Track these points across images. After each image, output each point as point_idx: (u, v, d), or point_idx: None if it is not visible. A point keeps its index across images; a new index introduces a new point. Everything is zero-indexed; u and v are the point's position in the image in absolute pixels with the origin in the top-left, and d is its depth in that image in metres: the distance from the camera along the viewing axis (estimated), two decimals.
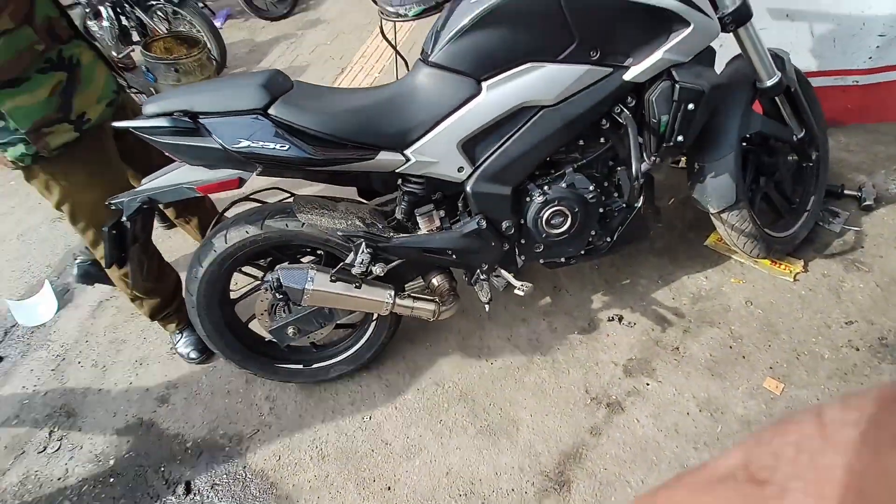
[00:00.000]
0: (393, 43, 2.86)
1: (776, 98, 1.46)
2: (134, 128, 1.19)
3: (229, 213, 1.52)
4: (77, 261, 2.09)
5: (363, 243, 1.32)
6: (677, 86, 1.23)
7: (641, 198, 1.48)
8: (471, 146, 1.30)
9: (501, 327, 1.79)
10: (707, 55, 1.27)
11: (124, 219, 1.29)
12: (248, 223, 1.39)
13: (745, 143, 1.53)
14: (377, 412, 1.66)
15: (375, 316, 1.65)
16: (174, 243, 2.44)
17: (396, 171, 1.31)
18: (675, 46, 1.19)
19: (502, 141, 1.30)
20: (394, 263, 1.40)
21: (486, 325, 1.81)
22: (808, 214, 1.71)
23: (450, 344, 1.79)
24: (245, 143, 1.17)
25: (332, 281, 1.35)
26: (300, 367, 1.72)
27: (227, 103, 1.18)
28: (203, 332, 1.55)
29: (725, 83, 1.36)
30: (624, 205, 1.49)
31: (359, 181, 1.41)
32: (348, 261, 1.34)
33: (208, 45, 3.68)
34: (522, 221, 1.43)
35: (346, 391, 1.74)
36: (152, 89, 3.32)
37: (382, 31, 2.84)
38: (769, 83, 1.40)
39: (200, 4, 5.37)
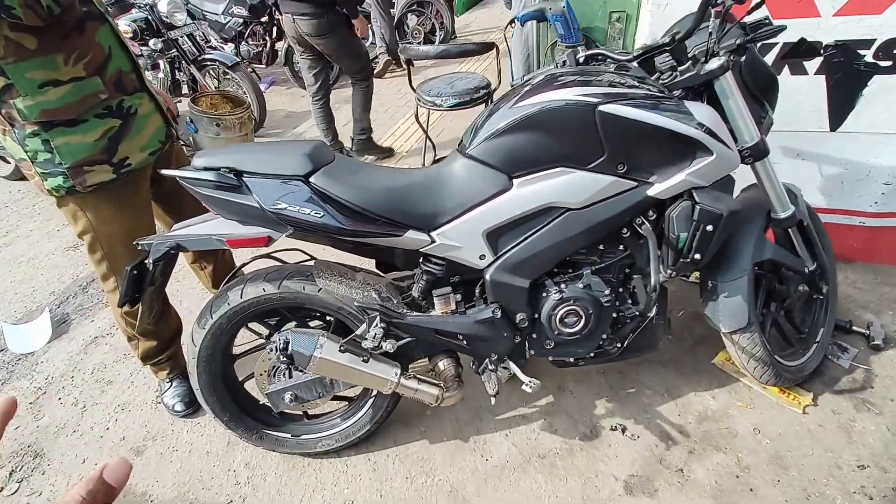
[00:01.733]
0: (425, 128, 3.05)
1: (789, 230, 1.51)
2: (181, 177, 1.24)
3: (247, 269, 1.54)
4: None
5: (378, 317, 1.33)
6: (697, 207, 1.29)
7: (655, 308, 1.49)
8: (495, 236, 1.34)
9: (501, 421, 1.74)
10: (727, 182, 1.34)
11: (149, 261, 1.31)
12: (267, 281, 1.40)
13: (757, 269, 1.57)
14: (360, 496, 1.57)
15: (374, 392, 1.61)
16: (182, 287, 2.44)
17: (421, 250, 1.34)
18: (698, 171, 1.26)
19: (526, 235, 1.34)
20: (404, 341, 1.39)
21: (484, 417, 1.76)
22: (818, 346, 1.71)
23: (445, 432, 1.73)
24: (283, 206, 1.21)
25: (340, 351, 1.34)
26: (288, 436, 1.65)
27: (272, 167, 1.24)
28: (197, 385, 1.51)
29: (742, 209, 1.43)
30: (637, 313, 1.50)
31: (382, 255, 1.44)
32: (359, 332, 1.34)
33: (251, 106, 3.92)
34: (536, 316, 1.44)
35: (330, 469, 1.66)
36: (191, 138, 3.49)
37: (417, 117, 3.04)
38: (783, 215, 1.47)
39: (249, 69, 5.83)
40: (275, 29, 5.45)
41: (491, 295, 1.40)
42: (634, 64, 1.42)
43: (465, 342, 1.41)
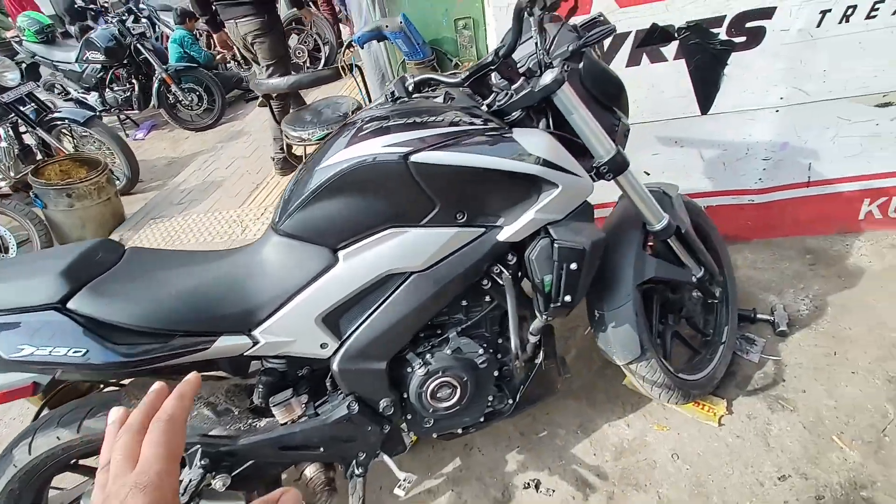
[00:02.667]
0: (298, 166, 2.78)
1: (668, 240, 1.38)
2: None
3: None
4: None
5: (198, 451, 1.07)
6: (556, 245, 1.11)
7: (541, 353, 1.32)
8: (332, 320, 1.12)
9: (404, 502, 1.52)
10: (586, 211, 1.17)
11: None
12: (62, 426, 1.11)
13: (647, 284, 1.43)
14: None
15: None
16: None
17: (245, 353, 1.10)
18: (546, 206, 1.09)
19: (369, 312, 1.12)
20: (245, 466, 1.14)
21: (385, 501, 1.54)
22: (725, 346, 1.60)
23: None
24: (28, 351, 0.93)
25: None
26: None
27: (13, 298, 0.96)
28: None
29: (611, 234, 1.28)
30: (522, 363, 1.32)
31: (198, 369, 1.18)
32: (181, 474, 1.07)
33: (112, 165, 3.50)
34: (405, 396, 1.23)
35: None
36: (41, 216, 3.04)
37: (289, 153, 2.77)
38: (658, 227, 1.32)
39: (123, 118, 5.31)
40: (141, 70, 4.95)
41: (343, 386, 1.17)
42: (464, 89, 1.22)
43: (322, 450, 1.17)
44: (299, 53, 5.46)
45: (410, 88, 1.27)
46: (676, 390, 1.43)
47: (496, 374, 1.29)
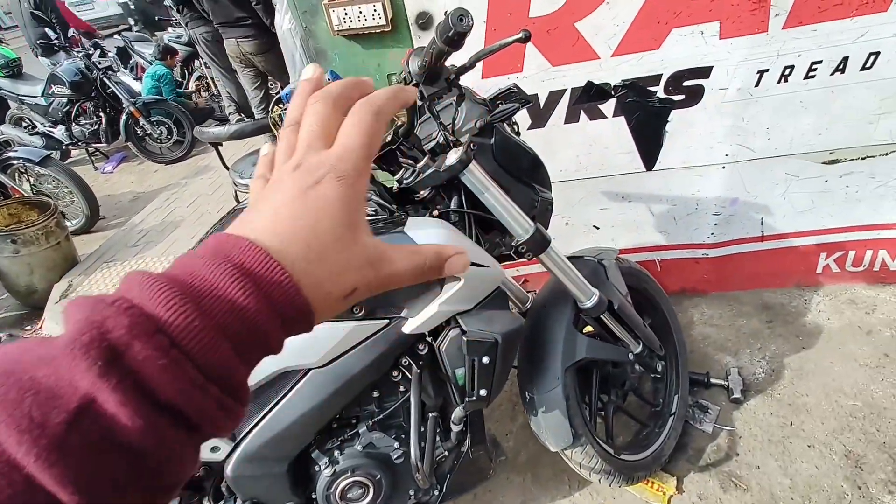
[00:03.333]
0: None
1: (601, 317, 1.29)
2: None
3: None
4: None
5: None
6: (464, 338, 1.02)
7: (468, 440, 1.22)
8: None
9: None
10: (498, 296, 1.09)
11: None
12: None
13: (579, 364, 1.34)
14: None
15: None
16: None
17: None
18: (451, 298, 1.00)
19: (266, 411, 1.02)
20: None
21: None
22: (675, 417, 1.51)
23: None
24: None
25: None
26: None
27: None
28: None
29: (541, 311, 1.20)
30: (446, 451, 1.21)
31: None
32: None
33: (61, 210, 3.39)
34: (313, 496, 1.12)
35: None
36: None
37: (237, 199, 2.67)
38: (588, 304, 1.23)
39: (92, 151, 5.22)
40: (108, 103, 4.88)
41: (240, 493, 1.06)
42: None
43: None
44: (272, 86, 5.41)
45: None
46: (617, 474, 1.33)
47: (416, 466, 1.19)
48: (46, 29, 5.66)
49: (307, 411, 1.03)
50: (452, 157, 1.01)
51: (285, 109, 1.91)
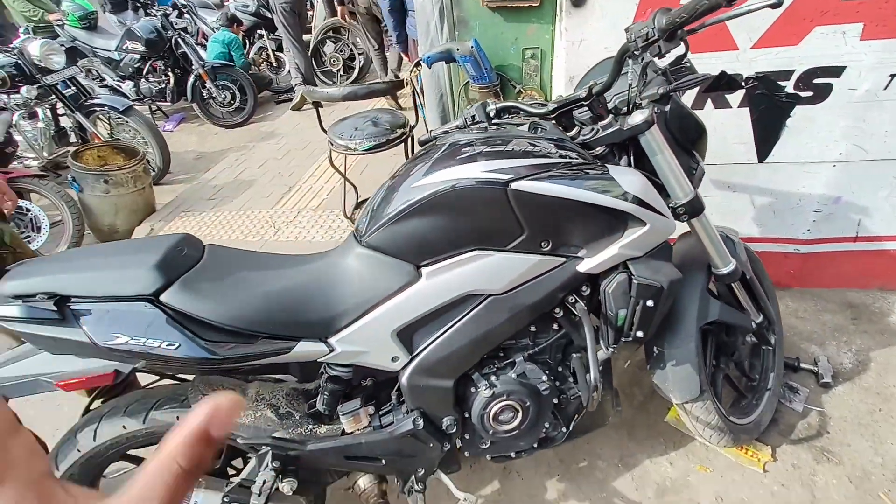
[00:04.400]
0: (342, 172, 2.81)
1: (732, 284, 1.39)
2: None
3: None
4: None
5: (269, 454, 1.06)
6: (634, 281, 1.13)
7: (600, 383, 1.32)
8: (407, 335, 1.12)
9: None
10: (664, 249, 1.19)
11: None
12: (128, 415, 1.11)
13: (707, 327, 1.44)
14: None
15: None
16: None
17: (320, 360, 1.10)
18: (631, 242, 1.10)
19: (444, 330, 1.13)
20: (309, 471, 1.13)
21: None
22: (770, 393, 1.60)
23: None
24: (122, 339, 0.93)
25: (224, 501, 1.06)
26: None
27: (107, 286, 0.97)
28: None
29: (682, 277, 1.29)
30: (580, 393, 1.32)
31: (271, 371, 1.18)
32: (246, 474, 1.07)
33: (149, 155, 3.53)
34: (467, 415, 1.23)
35: None
36: (77, 198, 3.06)
37: (332, 161, 2.78)
38: (725, 270, 1.34)
39: (153, 108, 5.36)
40: (178, 63, 5.01)
41: (409, 400, 1.17)
42: (549, 121, 1.24)
43: (383, 462, 1.17)
44: (334, 61, 5.53)
45: (492, 114, 1.30)
46: (727, 433, 1.43)
47: (555, 402, 1.29)
48: None
49: (480, 335, 1.14)
50: (638, 116, 1.11)
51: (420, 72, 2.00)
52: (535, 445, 1.34)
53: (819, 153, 1.73)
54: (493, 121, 1.28)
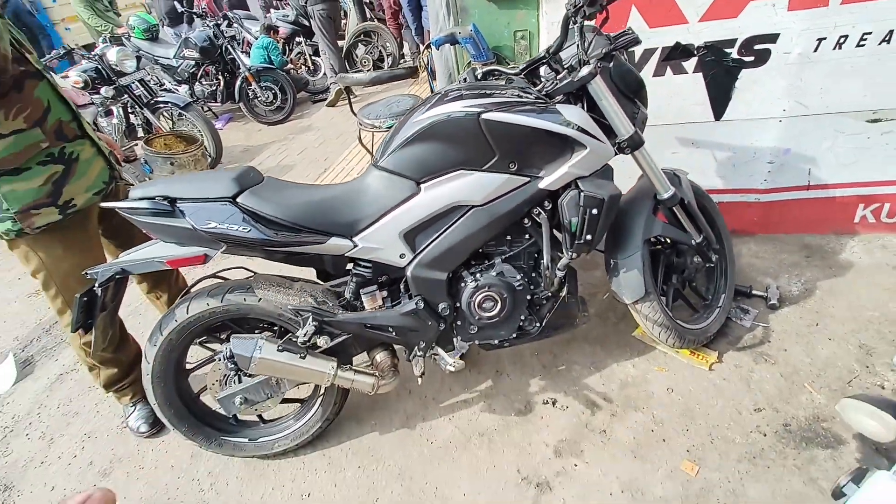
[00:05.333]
0: (369, 148, 3.24)
1: (674, 208, 1.72)
2: (120, 208, 1.38)
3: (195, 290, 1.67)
4: None
5: (310, 316, 1.48)
6: (582, 194, 1.48)
7: (565, 287, 1.67)
8: (411, 236, 1.51)
9: (444, 408, 1.88)
10: (607, 171, 1.54)
11: (96, 287, 1.44)
12: (210, 296, 1.54)
13: (655, 246, 1.77)
14: (316, 489, 1.69)
15: (322, 391, 1.75)
16: (149, 319, 2.55)
17: (346, 254, 1.50)
18: (577, 163, 1.46)
19: (439, 233, 1.52)
20: (339, 339, 1.54)
21: (430, 406, 1.90)
22: (720, 310, 1.91)
23: (394, 423, 1.86)
24: (213, 225, 1.36)
25: (278, 350, 1.48)
26: (245, 440, 1.77)
27: (202, 192, 1.40)
28: (154, 400, 1.63)
29: (625, 194, 1.63)
30: (550, 293, 1.68)
31: (313, 263, 1.59)
32: (297, 332, 1.48)
33: (205, 143, 4.06)
34: (457, 304, 1.60)
35: (289, 468, 1.77)
36: (147, 179, 3.61)
37: (360, 139, 3.23)
38: (666, 195, 1.67)
39: (205, 108, 5.97)
40: (227, 68, 5.60)
41: (413, 289, 1.56)
42: (521, 77, 1.62)
43: (393, 333, 1.56)
44: (365, 62, 6.03)
45: (479, 76, 1.69)
46: (673, 331, 1.75)
47: (528, 299, 1.65)
48: (175, 2, 6.52)
49: (466, 237, 1.52)
50: (584, 70, 1.48)
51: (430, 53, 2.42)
52: (515, 336, 1.70)
53: (766, 110, 2.03)
54: (479, 81, 1.66)
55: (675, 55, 1.99)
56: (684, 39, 1.95)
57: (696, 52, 1.97)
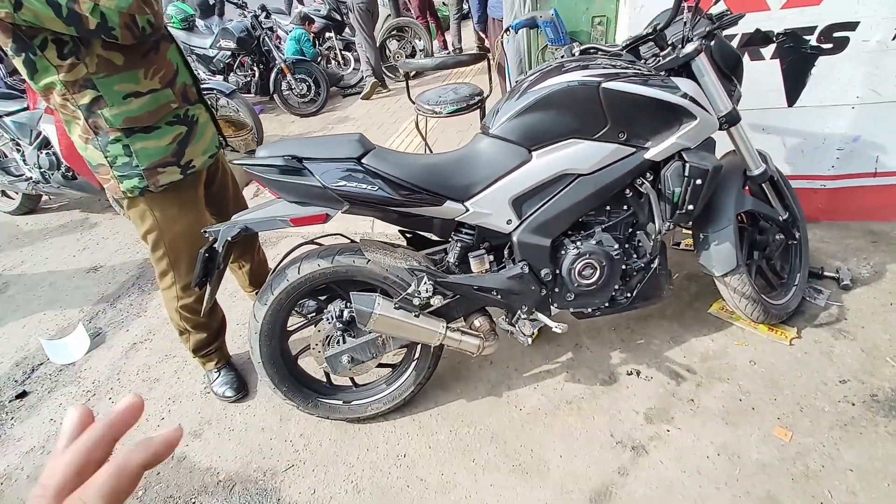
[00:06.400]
0: (424, 135, 3.30)
1: (763, 185, 1.78)
2: (249, 165, 1.44)
3: (292, 256, 1.72)
4: None
5: (425, 276, 1.53)
6: (687, 165, 1.54)
7: (657, 259, 1.73)
8: (519, 203, 1.57)
9: (528, 377, 1.93)
10: (709, 143, 1.60)
11: (218, 245, 1.49)
12: (321, 258, 1.59)
13: (741, 222, 1.83)
14: (411, 450, 1.74)
15: (416, 355, 1.80)
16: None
17: (457, 218, 1.56)
18: (685, 134, 1.52)
19: (545, 200, 1.57)
20: (448, 300, 1.59)
21: (513, 376, 1.95)
22: (797, 289, 1.97)
23: (479, 391, 1.91)
24: (343, 183, 1.42)
25: (395, 308, 1.53)
26: (339, 402, 1.82)
27: (329, 153, 1.45)
28: (259, 359, 1.68)
29: (723, 167, 1.69)
30: (642, 265, 1.73)
31: (422, 226, 1.64)
32: (410, 290, 1.53)
33: (253, 129, 4.12)
34: (558, 271, 1.66)
35: (379, 431, 1.82)
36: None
37: (417, 125, 3.28)
38: (756, 172, 1.73)
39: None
40: (262, 59, 5.67)
41: (518, 254, 1.61)
42: (624, 53, 1.68)
43: (499, 296, 1.61)
44: (397, 58, 6.10)
45: (576, 54, 1.75)
46: (759, 305, 1.81)
47: (623, 268, 1.70)
48: None
49: (571, 205, 1.58)
50: (690, 47, 1.54)
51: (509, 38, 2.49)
52: (606, 305, 1.75)
53: (839, 97, 2.09)
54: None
55: (754, 41, 2.05)
56: (765, 26, 2.01)
57: (775, 39, 2.04)
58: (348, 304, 1.64)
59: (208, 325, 1.96)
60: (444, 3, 7.14)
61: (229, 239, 1.47)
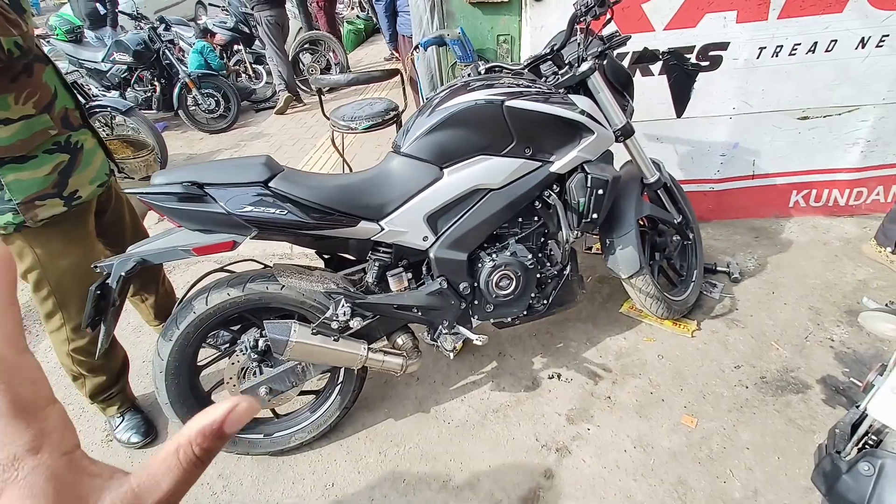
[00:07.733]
0: (341, 151, 3.25)
1: (658, 191, 1.93)
2: (144, 194, 1.34)
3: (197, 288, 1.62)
4: None
5: (343, 299, 1.49)
6: (589, 176, 1.63)
7: (569, 266, 1.81)
8: (434, 219, 1.58)
9: (455, 391, 1.94)
10: (608, 156, 1.71)
11: (111, 281, 1.37)
12: (231, 286, 1.51)
13: (641, 227, 1.96)
14: (339, 478, 1.68)
15: (340, 380, 1.75)
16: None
17: (372, 238, 1.54)
18: (585, 148, 1.61)
19: (459, 216, 1.60)
20: (368, 320, 1.56)
21: (440, 390, 1.95)
22: (694, 284, 2.14)
23: (407, 409, 1.90)
24: (249, 209, 1.35)
25: (313, 333, 1.48)
26: (260, 436, 1.72)
27: (233, 177, 1.38)
28: (166, 399, 1.55)
29: (622, 177, 1.81)
30: (555, 272, 1.80)
31: (338, 248, 1.61)
32: (328, 315, 1.49)
33: (155, 149, 3.85)
34: (476, 284, 1.69)
35: (305, 461, 1.75)
36: None
37: (333, 141, 3.22)
38: (652, 179, 1.87)
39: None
40: (164, 73, 5.33)
41: (436, 270, 1.62)
42: (526, 71, 1.76)
43: (419, 313, 1.61)
44: (311, 71, 5.98)
45: (482, 73, 1.80)
46: (663, 303, 1.95)
47: (538, 277, 1.77)
48: (97, 4, 6.10)
49: (485, 219, 1.62)
50: (585, 65, 1.64)
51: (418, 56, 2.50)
52: (525, 314, 1.81)
53: (719, 108, 2.32)
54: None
55: (643, 59, 2.22)
56: (651, 45, 2.19)
57: (660, 57, 2.22)
58: (263, 332, 1.56)
59: (106, 367, 1.79)
60: (357, 15, 7.11)
61: (123, 274, 1.36)
